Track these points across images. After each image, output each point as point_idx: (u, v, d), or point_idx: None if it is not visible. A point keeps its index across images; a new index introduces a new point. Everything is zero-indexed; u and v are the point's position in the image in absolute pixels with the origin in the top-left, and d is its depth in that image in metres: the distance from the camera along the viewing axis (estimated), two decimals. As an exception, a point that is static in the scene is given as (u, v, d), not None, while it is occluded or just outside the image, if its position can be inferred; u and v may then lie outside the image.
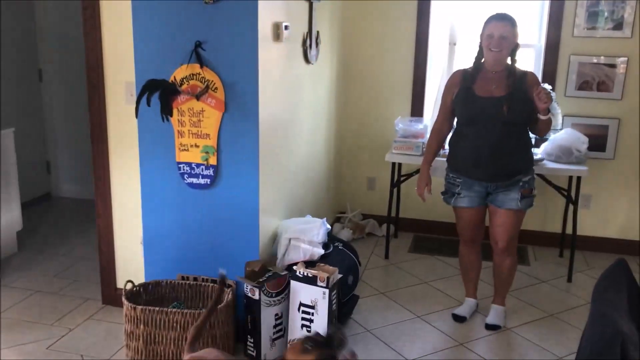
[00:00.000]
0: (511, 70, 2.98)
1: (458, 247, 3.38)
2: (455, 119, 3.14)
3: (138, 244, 3.20)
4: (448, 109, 3.12)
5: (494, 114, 2.92)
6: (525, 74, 3.00)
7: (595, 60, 4.16)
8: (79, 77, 4.99)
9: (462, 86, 3.03)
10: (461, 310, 3.36)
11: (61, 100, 5.32)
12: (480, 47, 3.01)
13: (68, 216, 5.05)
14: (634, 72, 4.11)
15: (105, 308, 3.41)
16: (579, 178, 3.83)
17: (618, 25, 4.09)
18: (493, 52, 2.93)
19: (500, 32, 2.90)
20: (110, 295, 3.42)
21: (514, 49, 2.96)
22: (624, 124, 4.21)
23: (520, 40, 3.00)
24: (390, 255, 4.23)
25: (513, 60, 2.98)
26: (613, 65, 4.14)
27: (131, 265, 3.31)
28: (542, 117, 2.88)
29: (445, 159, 3.25)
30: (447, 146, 3.29)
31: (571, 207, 3.96)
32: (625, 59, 4.10)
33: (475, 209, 3.12)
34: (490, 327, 3.25)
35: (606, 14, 4.09)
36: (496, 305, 3.31)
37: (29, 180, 5.02)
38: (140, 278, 3.10)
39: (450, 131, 3.21)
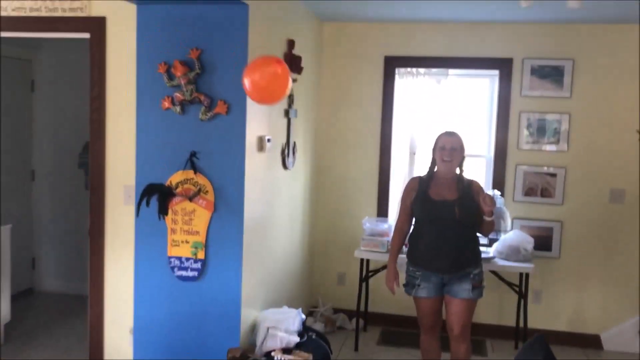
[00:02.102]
0: (460, 178, 3.48)
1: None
2: (414, 219, 3.58)
3: (127, 333, 3.46)
4: (407, 210, 3.57)
5: (447, 215, 3.37)
6: (471, 182, 3.50)
7: (545, 170, 4.73)
8: (68, 177, 5.40)
9: (419, 190, 3.50)
10: (425, 398, 3.63)
11: (50, 198, 5.61)
12: (433, 158, 3.51)
13: (52, 310, 5.20)
14: (571, 180, 4.69)
15: (91, 396, 3.57)
16: (527, 274, 4.26)
17: (557, 139, 4.71)
18: (445, 161, 3.43)
19: (451, 145, 3.43)
20: (97, 384, 3.61)
21: (461, 160, 3.47)
22: (566, 226, 4.72)
23: (466, 153, 3.52)
24: (359, 348, 4.51)
25: (461, 170, 3.49)
26: (554, 175, 4.72)
27: (119, 355, 3.53)
28: (487, 219, 3.35)
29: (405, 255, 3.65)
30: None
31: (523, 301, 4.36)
32: (564, 169, 4.69)
33: (433, 299, 3.49)
34: (451, 412, 3.51)
35: (555, 126, 4.68)
36: (456, 392, 3.60)
37: (14, 275, 5.21)
38: (128, 365, 3.35)
39: (410, 229, 3.64)
